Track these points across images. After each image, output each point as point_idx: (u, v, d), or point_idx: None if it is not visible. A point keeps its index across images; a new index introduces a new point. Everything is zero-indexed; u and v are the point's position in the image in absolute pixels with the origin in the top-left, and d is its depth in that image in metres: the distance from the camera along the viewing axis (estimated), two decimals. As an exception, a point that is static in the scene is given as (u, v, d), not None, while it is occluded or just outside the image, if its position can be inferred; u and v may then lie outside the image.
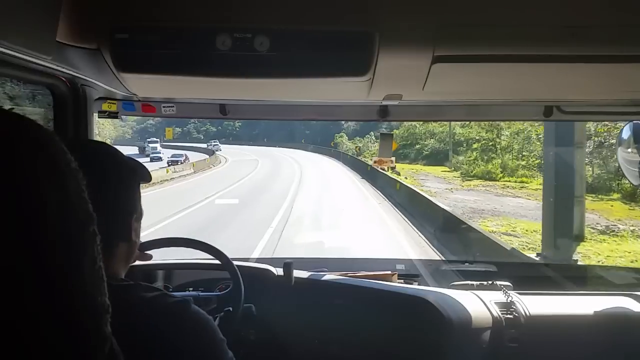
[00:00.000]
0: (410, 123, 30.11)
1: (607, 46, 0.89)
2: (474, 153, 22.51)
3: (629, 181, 1.39)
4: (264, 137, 54.87)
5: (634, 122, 1.35)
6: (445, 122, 26.00)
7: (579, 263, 6.56)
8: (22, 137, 0.40)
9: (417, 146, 30.84)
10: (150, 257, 1.06)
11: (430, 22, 0.86)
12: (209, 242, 1.36)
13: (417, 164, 28.69)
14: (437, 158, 27.52)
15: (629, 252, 8.05)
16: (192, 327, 0.68)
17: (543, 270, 2.72)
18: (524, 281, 1.73)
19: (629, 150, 1.34)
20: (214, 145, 40.97)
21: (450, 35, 0.87)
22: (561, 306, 1.50)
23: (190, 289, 1.47)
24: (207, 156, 30.35)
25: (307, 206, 12.08)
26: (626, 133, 1.35)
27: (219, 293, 1.37)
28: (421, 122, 28.25)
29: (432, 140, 30.12)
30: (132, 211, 0.75)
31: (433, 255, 7.22)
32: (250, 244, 7.54)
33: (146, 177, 0.79)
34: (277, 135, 52.83)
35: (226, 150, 37.93)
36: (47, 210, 0.39)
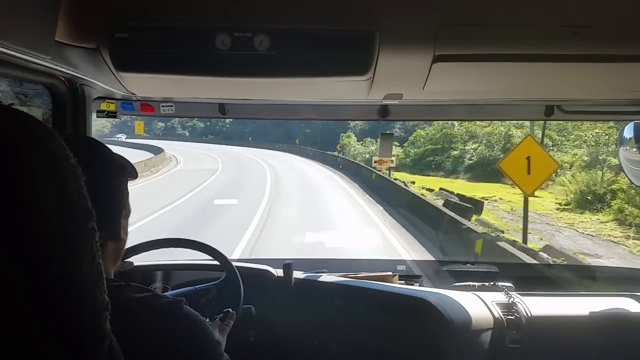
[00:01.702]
0: (446, 122, 22.02)
1: (609, 46, 0.88)
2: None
3: (631, 181, 1.38)
4: (254, 135, 45.02)
5: (635, 121, 1.34)
6: (498, 122, 19.50)
7: (580, 264, 6.47)
8: (21, 132, 0.40)
9: (454, 152, 21.73)
10: (131, 265, 1.05)
11: (431, 22, 0.86)
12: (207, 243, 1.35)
13: (457, 177, 19.76)
14: (486, 171, 18.09)
15: None
16: (184, 327, 0.67)
17: (545, 271, 2.71)
18: (526, 282, 1.73)
19: (631, 149, 1.34)
20: (118, 139, 38.36)
21: (450, 35, 0.87)
22: (563, 307, 1.49)
23: None
24: (153, 155, 23.27)
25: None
26: (628, 133, 1.35)
27: (215, 282, 1.36)
28: (459, 122, 20.70)
29: (475, 144, 21.02)
30: (121, 209, 0.75)
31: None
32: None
33: (133, 174, 0.79)
34: (273, 133, 43.80)
35: (194, 152, 29.30)
36: (45, 206, 0.39)
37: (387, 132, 1.63)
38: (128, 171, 0.78)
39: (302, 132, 40.89)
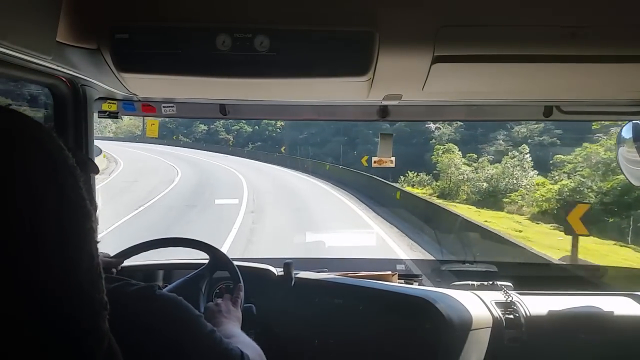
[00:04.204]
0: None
1: (607, 46, 0.88)
2: None
3: (629, 181, 1.39)
4: (309, 144, 29.60)
5: (634, 121, 1.35)
6: None
7: (580, 263, 6.48)
8: (20, 133, 0.40)
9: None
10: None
11: (431, 22, 0.86)
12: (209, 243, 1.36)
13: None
14: None
15: None
16: (160, 307, 0.68)
17: (544, 270, 2.71)
18: (525, 281, 1.73)
19: (630, 149, 1.34)
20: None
21: (450, 35, 0.87)
22: (562, 306, 1.50)
23: None
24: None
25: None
26: (627, 133, 1.36)
27: (203, 266, 1.34)
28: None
29: None
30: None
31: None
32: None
33: (95, 168, 0.80)
34: (332, 143, 28.06)
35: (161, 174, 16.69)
36: (44, 207, 0.39)
37: (388, 132, 1.63)
38: (89, 165, 0.78)
39: (371, 142, 23.30)
